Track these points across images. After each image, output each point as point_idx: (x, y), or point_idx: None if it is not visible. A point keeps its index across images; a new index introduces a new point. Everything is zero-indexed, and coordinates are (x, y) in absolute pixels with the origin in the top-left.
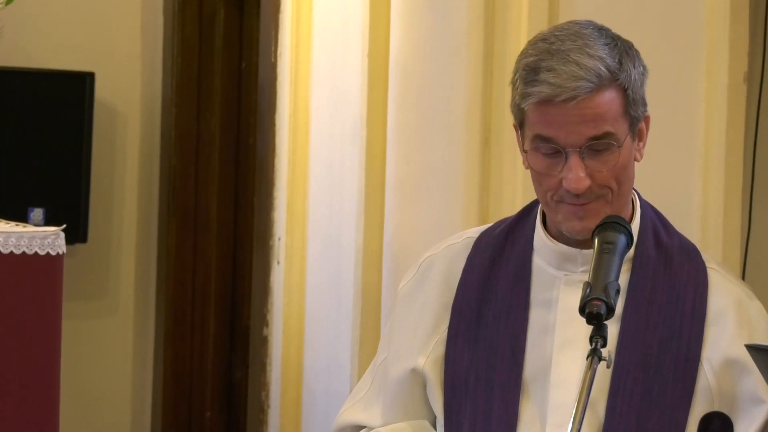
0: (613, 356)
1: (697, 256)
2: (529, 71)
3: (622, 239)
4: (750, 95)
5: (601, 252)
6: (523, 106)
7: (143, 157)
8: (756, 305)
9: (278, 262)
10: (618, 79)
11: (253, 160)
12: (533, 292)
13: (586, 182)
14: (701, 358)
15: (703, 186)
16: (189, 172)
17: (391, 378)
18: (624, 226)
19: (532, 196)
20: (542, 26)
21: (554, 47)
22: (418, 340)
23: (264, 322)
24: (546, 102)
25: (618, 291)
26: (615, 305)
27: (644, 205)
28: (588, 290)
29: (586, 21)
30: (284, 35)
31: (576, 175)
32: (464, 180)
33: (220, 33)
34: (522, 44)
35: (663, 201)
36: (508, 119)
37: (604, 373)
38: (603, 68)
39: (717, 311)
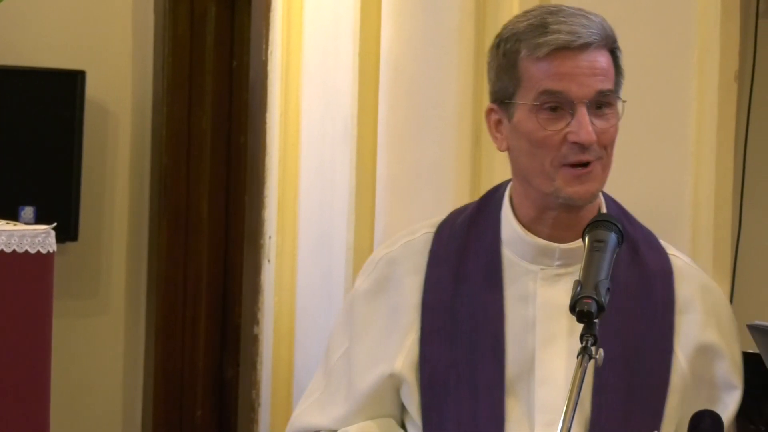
0: (603, 354)
1: (658, 244)
2: (536, 27)
3: (612, 237)
4: (741, 94)
5: (591, 250)
6: (532, 63)
7: (134, 156)
8: (718, 291)
9: (269, 261)
10: (615, 46)
11: (244, 158)
12: (507, 287)
13: (595, 135)
14: (674, 347)
15: (693, 185)
16: (180, 170)
17: (364, 384)
18: (614, 224)
19: None
20: None
21: (552, 9)
22: (392, 343)
23: (255, 320)
24: (561, 50)
25: (609, 289)
26: (606, 303)
27: (606, 195)
28: (579, 288)
29: None
30: (275, 34)
31: (587, 127)
32: (455, 178)
33: (211, 31)
34: None
35: (654, 200)
36: None
37: (588, 370)
38: (606, 27)
39: (685, 299)
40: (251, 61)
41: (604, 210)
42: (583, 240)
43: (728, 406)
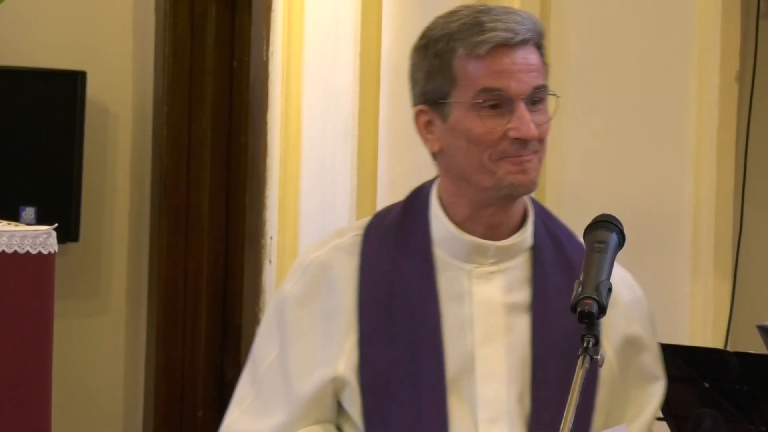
0: (604, 355)
1: (578, 240)
2: (470, 26)
3: (613, 238)
4: (741, 94)
5: (592, 251)
6: (470, 62)
7: (135, 156)
8: (636, 284)
9: (270, 261)
10: (542, 44)
11: (244, 159)
12: (441, 286)
13: (536, 130)
14: (602, 341)
15: (694, 184)
16: (181, 171)
17: (305, 389)
18: (616, 224)
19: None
20: None
21: (481, 8)
22: (331, 347)
23: (256, 321)
24: (499, 47)
25: (610, 289)
26: (607, 304)
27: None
28: (580, 289)
29: None
30: (276, 34)
31: (528, 123)
32: None
33: (212, 32)
34: None
35: (654, 200)
36: None
37: (526, 366)
38: (537, 24)
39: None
40: (252, 62)
41: (530, 208)
42: (584, 240)
43: (653, 397)
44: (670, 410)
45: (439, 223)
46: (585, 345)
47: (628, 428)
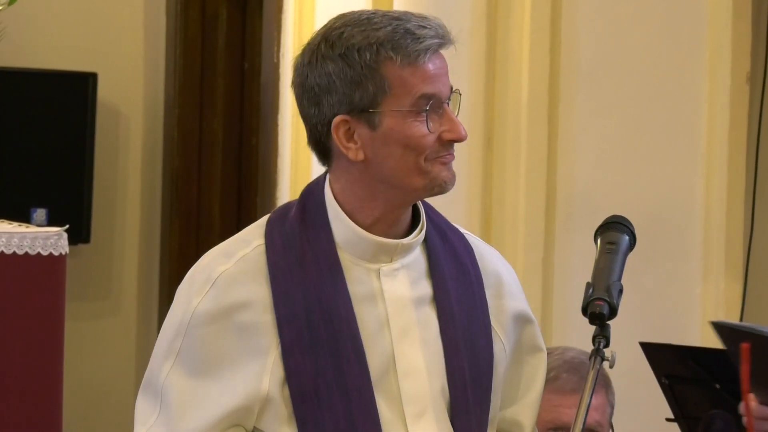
0: (615, 356)
1: (455, 227)
2: (401, 35)
3: (625, 239)
4: (753, 95)
5: (603, 252)
6: (407, 69)
7: (146, 158)
8: (510, 266)
9: None
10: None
11: (255, 160)
12: (352, 289)
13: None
14: (491, 321)
15: (705, 186)
16: (192, 172)
17: (221, 408)
18: (627, 226)
19: (535, 194)
20: (545, 27)
21: (394, 15)
22: (253, 365)
23: None
24: (433, 53)
25: (621, 291)
26: (618, 305)
27: None
28: (590, 290)
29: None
30: (287, 36)
31: (458, 123)
32: (467, 181)
33: (223, 34)
34: (524, 45)
35: (666, 201)
36: (511, 120)
37: (441, 358)
38: (442, 24)
39: (488, 273)
40: (263, 63)
41: (420, 203)
42: (595, 241)
43: (539, 369)
44: (681, 411)
45: (344, 226)
46: (596, 347)
47: (521, 404)
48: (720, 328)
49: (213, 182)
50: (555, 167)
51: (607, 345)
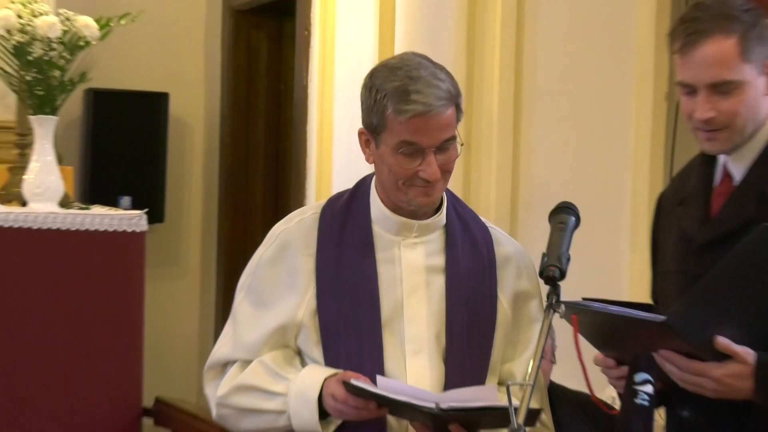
0: (563, 309)
1: (481, 221)
2: (400, 93)
3: (572, 220)
4: (669, 110)
5: (555, 230)
6: (396, 119)
7: (206, 158)
8: (524, 251)
9: None
10: (459, 99)
11: (289, 161)
12: (378, 253)
13: (439, 173)
14: (498, 295)
15: (633, 179)
16: (240, 169)
17: (269, 326)
18: (573, 209)
19: (503, 187)
20: (511, 57)
21: (413, 74)
22: (294, 298)
23: None
24: (417, 116)
25: (569, 259)
26: (566, 270)
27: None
28: (545, 259)
29: (422, 55)
30: (313, 65)
31: (434, 168)
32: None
33: (264, 63)
34: (495, 72)
35: (603, 190)
36: (485, 129)
37: (441, 313)
38: (451, 90)
39: (502, 258)
40: (295, 86)
41: (445, 196)
42: (549, 222)
43: (534, 335)
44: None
45: (376, 207)
46: (549, 302)
47: (517, 361)
48: (580, 305)
49: (257, 177)
50: (519, 166)
51: (557, 300)
